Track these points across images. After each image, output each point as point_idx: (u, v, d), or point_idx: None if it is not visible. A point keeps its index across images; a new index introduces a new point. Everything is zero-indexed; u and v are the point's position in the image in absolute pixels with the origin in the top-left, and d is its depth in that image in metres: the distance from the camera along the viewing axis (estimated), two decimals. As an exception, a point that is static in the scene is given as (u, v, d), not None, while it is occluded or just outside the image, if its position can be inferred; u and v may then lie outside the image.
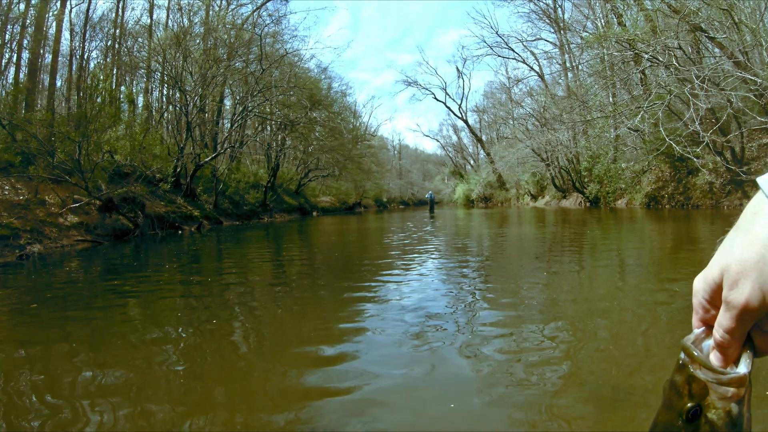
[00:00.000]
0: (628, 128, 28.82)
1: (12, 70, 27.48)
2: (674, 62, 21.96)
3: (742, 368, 0.75)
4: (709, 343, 0.79)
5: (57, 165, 17.68)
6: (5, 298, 8.04)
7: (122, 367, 4.33)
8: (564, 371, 3.71)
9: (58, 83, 31.45)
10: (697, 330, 0.82)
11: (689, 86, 20.98)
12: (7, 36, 25.92)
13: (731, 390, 0.74)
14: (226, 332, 5.43)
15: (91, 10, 33.85)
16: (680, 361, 0.79)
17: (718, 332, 0.76)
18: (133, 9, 55.99)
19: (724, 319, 0.75)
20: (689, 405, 0.76)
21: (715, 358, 0.77)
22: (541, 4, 48.78)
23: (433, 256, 11.62)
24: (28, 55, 26.45)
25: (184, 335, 5.27)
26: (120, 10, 36.23)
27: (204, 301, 7.06)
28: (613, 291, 6.60)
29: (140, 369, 4.32)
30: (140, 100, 37.83)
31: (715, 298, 0.78)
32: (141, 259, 13.36)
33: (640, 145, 31.47)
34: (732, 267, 0.73)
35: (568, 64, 46.58)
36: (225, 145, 34.13)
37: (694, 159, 22.11)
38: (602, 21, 37.60)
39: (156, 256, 13.86)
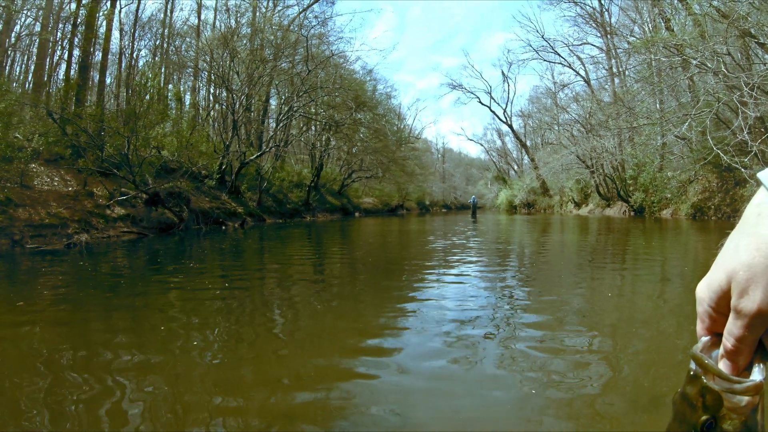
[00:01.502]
0: (675, 136, 27.96)
1: (63, 66, 28.35)
2: (723, 69, 21.30)
3: (757, 375, 0.72)
4: (718, 351, 0.76)
5: (106, 158, 18.11)
6: (52, 282, 8.24)
7: (160, 352, 4.43)
8: (601, 381, 3.60)
9: (108, 80, 32.33)
10: (704, 338, 0.79)
11: (738, 94, 20.32)
12: (58, 34, 26.60)
13: (746, 398, 0.72)
14: (264, 326, 5.44)
15: (140, 11, 34.86)
16: (691, 372, 0.76)
17: (728, 341, 0.73)
18: (181, 9, 57.11)
19: (734, 328, 0.71)
20: (704, 418, 0.74)
21: (725, 367, 0.74)
22: (588, 7, 47.95)
23: (474, 260, 11.44)
24: (78, 53, 27.05)
25: (221, 327, 5.32)
26: (168, 11, 37.11)
27: (243, 295, 7.12)
28: (654, 303, 6.41)
29: (176, 354, 4.41)
30: (187, 99, 38.67)
31: (721, 305, 0.74)
32: (185, 252, 13.55)
33: (687, 153, 30.50)
34: (740, 273, 0.69)
35: (614, 70, 45.59)
36: (270, 144, 34.52)
37: (742, 169, 21.35)
38: (650, 25, 36.73)
39: (199, 249, 14.04)
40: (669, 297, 6.88)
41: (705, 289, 0.76)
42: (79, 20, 26.18)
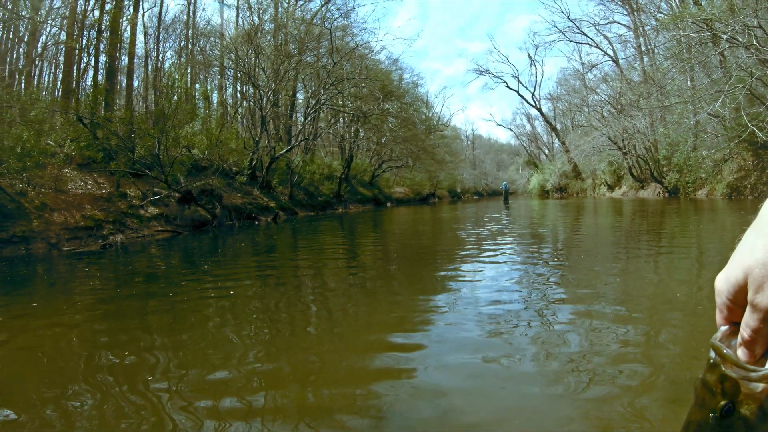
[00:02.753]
0: (708, 114, 27.27)
1: (90, 72, 28.71)
2: (755, 42, 20.77)
3: None
4: (737, 340, 0.81)
5: (137, 160, 18.31)
6: (89, 282, 8.34)
7: (196, 345, 4.46)
8: (642, 366, 3.54)
9: (135, 83, 32.77)
10: (723, 327, 0.84)
11: (771, 68, 19.92)
12: (84, 41, 26.95)
13: (762, 385, 0.76)
14: (299, 321, 5.44)
15: (163, 13, 35.21)
16: (711, 361, 0.82)
17: (745, 331, 0.78)
18: (203, 10, 57.42)
19: (751, 320, 0.76)
20: (723, 403, 0.78)
21: (743, 355, 0.79)
22: (613, -15, 47.14)
23: (508, 246, 11.36)
24: (105, 59, 27.45)
25: (257, 321, 5.33)
26: (191, 12, 37.34)
27: (277, 288, 7.13)
28: (692, 285, 6.28)
29: (215, 343, 4.42)
30: (215, 97, 38.99)
31: (738, 298, 0.79)
32: (219, 247, 13.66)
33: (721, 131, 29.62)
34: (756, 270, 0.74)
35: (643, 48, 44.62)
36: (299, 138, 34.63)
37: (778, 146, 20.96)
38: (677, 1, 36.10)
39: (233, 245, 14.15)
40: (708, 277, 6.69)
41: (723, 282, 0.82)
42: (103, 26, 26.53)
